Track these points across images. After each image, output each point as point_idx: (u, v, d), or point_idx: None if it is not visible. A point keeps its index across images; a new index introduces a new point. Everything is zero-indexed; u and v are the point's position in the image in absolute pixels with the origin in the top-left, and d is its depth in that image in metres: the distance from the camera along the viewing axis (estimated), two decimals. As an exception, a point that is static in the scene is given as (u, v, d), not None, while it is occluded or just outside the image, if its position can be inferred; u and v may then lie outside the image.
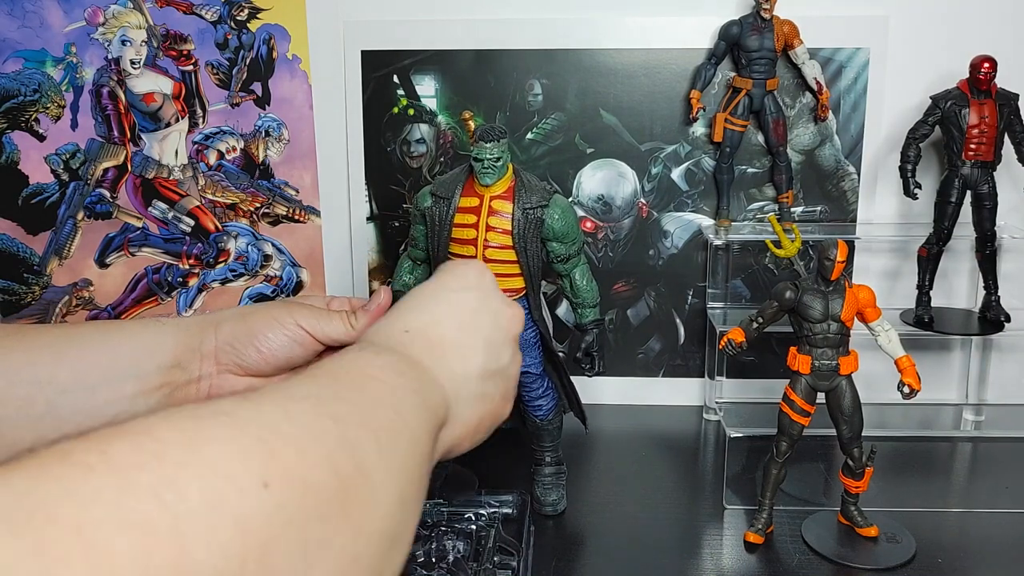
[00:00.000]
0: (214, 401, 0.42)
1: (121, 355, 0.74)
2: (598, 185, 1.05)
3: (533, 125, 1.04)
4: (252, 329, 0.76)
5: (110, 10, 1.02)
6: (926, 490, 0.91)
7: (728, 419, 0.90)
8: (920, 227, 1.00)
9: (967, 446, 1.01)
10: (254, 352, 0.76)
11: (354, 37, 1.04)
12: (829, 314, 0.76)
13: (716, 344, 0.97)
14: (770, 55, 0.97)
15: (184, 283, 1.10)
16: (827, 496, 0.87)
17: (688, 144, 1.04)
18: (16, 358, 0.70)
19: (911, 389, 0.76)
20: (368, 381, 0.52)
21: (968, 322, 1.01)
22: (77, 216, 1.07)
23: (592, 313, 0.82)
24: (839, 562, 0.76)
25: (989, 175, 0.93)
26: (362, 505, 0.44)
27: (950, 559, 0.77)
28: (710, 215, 1.05)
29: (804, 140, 1.03)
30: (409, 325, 0.64)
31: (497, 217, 0.77)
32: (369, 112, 1.05)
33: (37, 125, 1.04)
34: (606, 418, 1.05)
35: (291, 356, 0.78)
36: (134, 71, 1.04)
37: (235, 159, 1.06)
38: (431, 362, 0.61)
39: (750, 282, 1.07)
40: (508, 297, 0.73)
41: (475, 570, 0.69)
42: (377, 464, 0.46)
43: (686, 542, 0.81)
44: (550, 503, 0.84)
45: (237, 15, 1.03)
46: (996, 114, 0.91)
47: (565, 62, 1.03)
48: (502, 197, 0.77)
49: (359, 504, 0.44)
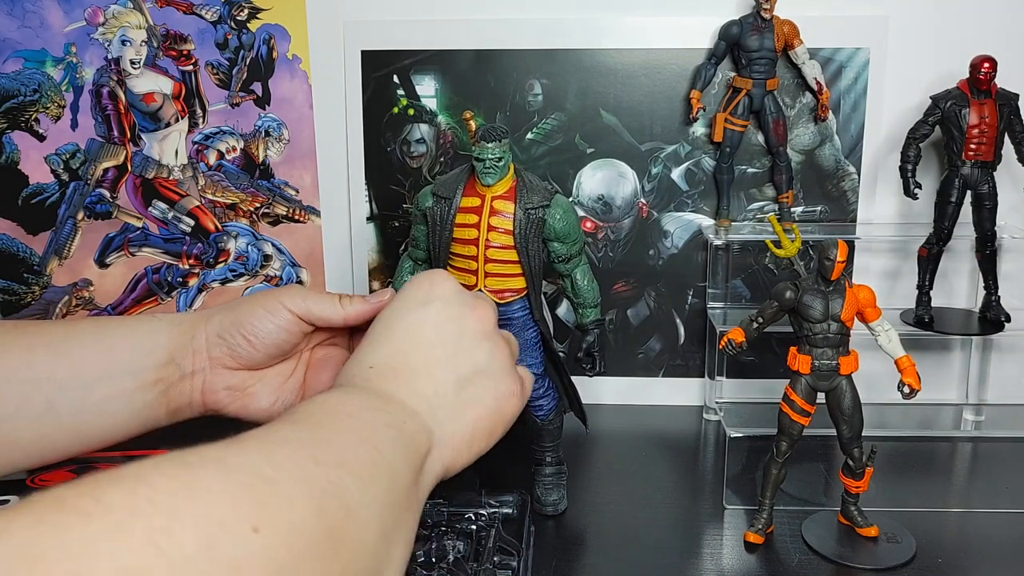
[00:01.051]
0: (202, 448, 0.43)
1: (117, 353, 0.74)
2: (598, 185, 1.05)
3: (533, 125, 1.04)
4: (239, 319, 0.76)
5: (110, 10, 1.02)
6: (926, 490, 0.91)
7: (728, 419, 0.90)
8: (920, 227, 1.00)
9: (967, 446, 1.01)
10: (243, 341, 0.76)
11: (354, 37, 1.04)
12: (829, 314, 0.76)
13: (716, 344, 0.97)
14: (770, 55, 0.97)
15: (184, 283, 1.10)
16: (827, 496, 0.87)
17: (688, 144, 1.04)
18: (15, 357, 0.70)
19: (911, 389, 0.76)
20: (344, 419, 0.53)
21: (968, 322, 1.01)
22: (77, 216, 1.07)
23: (593, 313, 0.82)
24: (839, 562, 0.76)
25: (989, 175, 0.93)
26: (349, 543, 0.45)
27: (950, 559, 0.77)
28: (710, 215, 1.05)
29: (804, 140, 1.03)
30: (372, 360, 0.65)
31: (499, 217, 0.77)
32: (369, 112, 1.05)
33: (37, 125, 1.04)
34: (606, 418, 1.05)
35: (280, 341, 0.78)
36: (134, 71, 1.04)
37: (235, 159, 1.06)
38: (400, 392, 0.62)
39: (750, 282, 1.07)
40: (473, 296, 0.72)
41: (475, 570, 0.69)
42: (360, 502, 0.47)
43: (686, 542, 0.81)
44: (551, 503, 0.84)
45: (237, 15, 1.03)
46: (996, 114, 0.91)
47: (565, 62, 1.03)
48: (504, 197, 0.77)
49: (345, 543, 0.44)
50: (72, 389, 0.72)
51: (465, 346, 0.68)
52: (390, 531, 0.50)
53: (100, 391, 0.73)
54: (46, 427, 0.72)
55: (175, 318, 0.77)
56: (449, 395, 0.65)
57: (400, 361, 0.65)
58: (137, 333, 0.75)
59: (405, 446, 0.56)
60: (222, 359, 0.78)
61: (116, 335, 0.75)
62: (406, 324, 0.68)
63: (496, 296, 0.78)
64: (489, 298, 0.75)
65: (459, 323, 0.69)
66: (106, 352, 0.74)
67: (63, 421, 0.73)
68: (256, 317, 0.76)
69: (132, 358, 0.74)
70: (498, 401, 0.69)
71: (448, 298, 0.71)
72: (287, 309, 0.76)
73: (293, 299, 0.76)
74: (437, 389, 0.64)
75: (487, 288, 0.78)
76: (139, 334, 0.75)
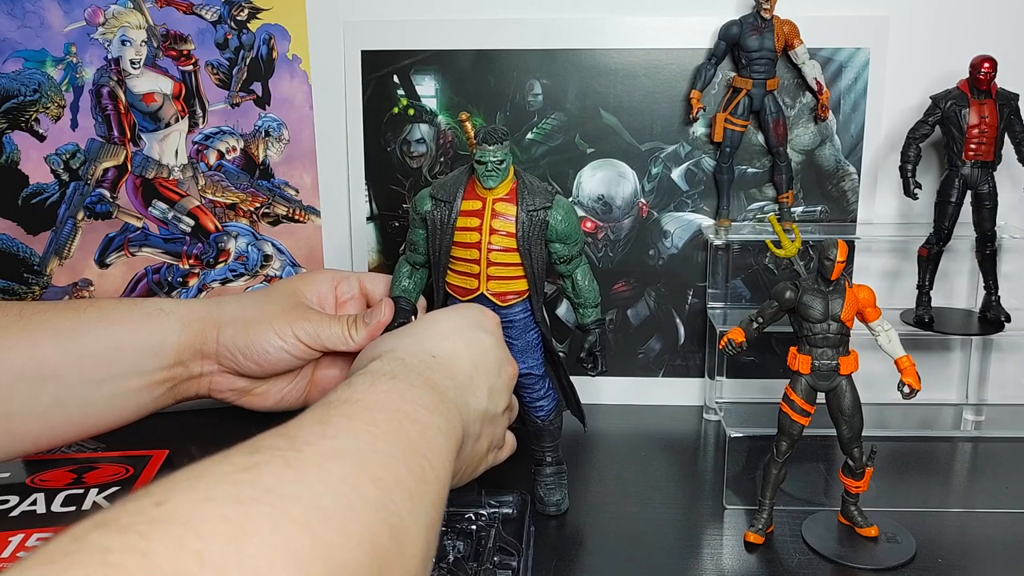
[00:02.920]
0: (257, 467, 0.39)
1: (124, 352, 0.74)
2: (598, 185, 1.05)
3: (533, 125, 1.04)
4: (252, 342, 0.76)
5: (110, 10, 1.02)
6: (926, 490, 0.91)
7: (728, 419, 0.90)
8: (920, 227, 1.00)
9: (967, 446, 1.01)
10: (252, 365, 0.77)
11: (354, 37, 1.04)
12: (829, 314, 0.76)
13: (716, 344, 0.97)
14: (770, 55, 0.97)
15: (184, 283, 1.10)
16: (827, 496, 0.87)
17: (688, 144, 1.04)
18: (20, 353, 0.70)
19: (911, 389, 0.76)
20: (404, 422, 0.51)
21: (968, 322, 1.01)
22: (77, 216, 1.07)
23: (594, 313, 0.82)
24: (839, 562, 0.76)
25: (989, 175, 0.93)
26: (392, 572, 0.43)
27: (950, 559, 0.77)
28: (710, 215, 1.05)
29: (804, 140, 1.03)
30: (436, 351, 0.64)
31: (501, 220, 0.76)
32: (369, 112, 1.05)
33: (37, 125, 1.04)
34: (606, 418, 1.05)
35: (288, 364, 0.79)
36: (134, 71, 1.04)
37: (235, 159, 1.06)
38: (453, 393, 0.61)
39: (750, 282, 1.07)
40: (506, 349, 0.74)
41: (475, 570, 0.69)
42: (410, 529, 0.45)
43: (686, 542, 0.81)
44: (554, 503, 0.84)
45: (237, 15, 1.03)
46: (996, 114, 0.91)
47: (565, 62, 1.03)
48: (505, 200, 0.77)
49: (390, 572, 0.42)
50: (79, 387, 0.72)
51: (497, 389, 0.68)
52: (428, 555, 0.48)
53: (107, 389, 0.73)
54: (53, 419, 0.72)
55: (183, 316, 0.77)
56: (477, 421, 0.65)
57: (458, 365, 0.64)
58: (143, 332, 0.75)
59: (449, 456, 0.54)
60: (230, 368, 0.78)
61: (122, 333, 0.74)
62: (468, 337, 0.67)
63: (498, 299, 0.78)
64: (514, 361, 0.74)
65: (500, 367, 0.70)
66: (112, 352, 0.74)
67: (71, 414, 0.73)
68: (270, 344, 0.76)
69: (138, 359, 0.74)
70: (485, 455, 0.70)
71: (500, 340, 0.72)
72: (298, 339, 0.76)
73: (305, 326, 0.76)
74: (476, 408, 0.64)
75: (489, 291, 0.77)
76: (145, 332, 0.75)
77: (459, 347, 0.66)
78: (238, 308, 0.78)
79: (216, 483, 0.38)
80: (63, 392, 0.71)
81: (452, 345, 0.66)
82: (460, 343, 0.66)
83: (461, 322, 0.70)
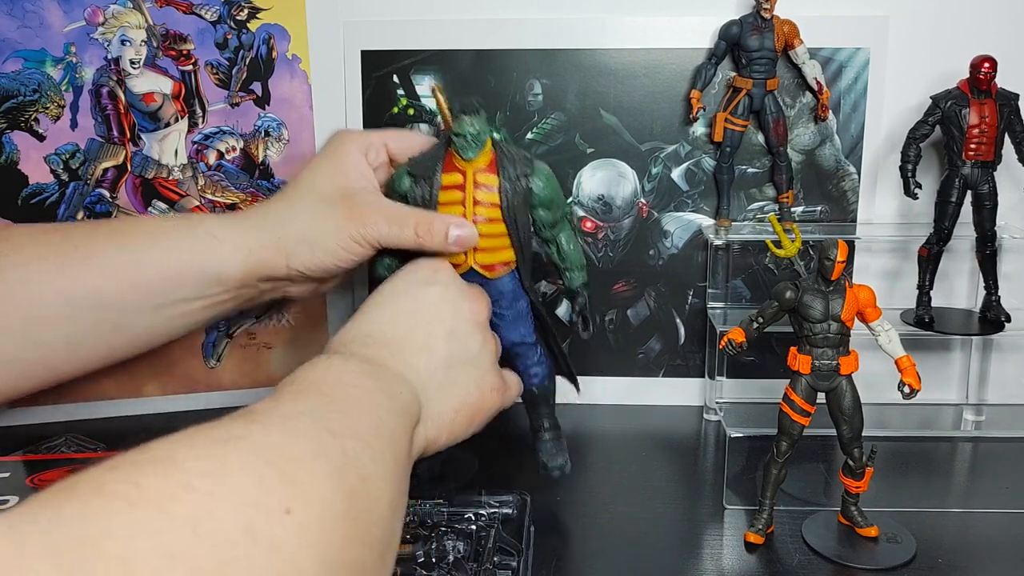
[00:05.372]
0: (225, 422, 0.44)
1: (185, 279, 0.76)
2: (598, 185, 1.05)
3: (533, 125, 1.04)
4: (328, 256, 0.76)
5: (110, 10, 1.02)
6: (926, 490, 0.91)
7: (728, 419, 0.90)
8: (920, 227, 1.00)
9: (967, 446, 1.01)
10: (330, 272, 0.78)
11: (354, 37, 1.04)
12: (829, 314, 0.76)
13: (716, 344, 0.97)
14: (770, 55, 0.97)
15: (184, 283, 1.09)
16: (827, 496, 0.87)
17: (688, 144, 1.04)
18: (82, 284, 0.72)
19: (911, 389, 0.76)
20: (346, 388, 0.54)
21: (968, 322, 1.01)
22: (77, 216, 1.07)
23: (580, 276, 0.82)
24: (839, 562, 0.76)
25: (989, 175, 0.93)
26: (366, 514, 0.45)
27: (950, 559, 0.77)
28: (710, 215, 1.05)
29: (804, 140, 1.03)
30: (369, 329, 0.66)
31: (483, 191, 0.76)
32: (369, 112, 1.05)
33: (37, 125, 1.04)
34: (606, 418, 1.05)
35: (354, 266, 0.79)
36: (134, 71, 1.04)
37: (235, 159, 1.06)
38: (394, 361, 0.63)
39: (750, 282, 1.07)
40: (471, 286, 0.74)
41: (475, 570, 0.69)
42: (372, 472, 0.47)
43: (686, 542, 0.81)
44: (557, 467, 0.82)
45: (237, 15, 1.03)
46: (996, 114, 0.91)
47: (565, 62, 1.03)
48: (486, 170, 0.76)
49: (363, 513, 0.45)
50: (141, 312, 0.75)
51: (460, 331, 0.69)
52: (396, 502, 0.50)
53: (168, 311, 0.76)
54: (117, 342, 0.75)
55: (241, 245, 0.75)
56: (439, 374, 0.66)
57: (396, 332, 0.66)
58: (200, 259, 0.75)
59: (401, 414, 0.57)
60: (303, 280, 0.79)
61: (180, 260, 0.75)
62: (406, 299, 0.69)
63: (486, 271, 0.77)
64: (485, 293, 0.75)
65: (457, 308, 0.70)
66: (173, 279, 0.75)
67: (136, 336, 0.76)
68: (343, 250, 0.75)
69: (199, 286, 0.76)
70: (481, 391, 0.70)
71: (448, 284, 0.72)
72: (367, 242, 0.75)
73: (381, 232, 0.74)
74: (430, 365, 0.65)
75: (477, 263, 0.77)
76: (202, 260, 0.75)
77: (395, 313, 0.68)
78: (302, 226, 0.76)
79: (192, 434, 0.41)
80: (125, 318, 0.74)
81: (386, 315, 0.68)
82: (397, 307, 0.68)
83: (398, 286, 0.71)
